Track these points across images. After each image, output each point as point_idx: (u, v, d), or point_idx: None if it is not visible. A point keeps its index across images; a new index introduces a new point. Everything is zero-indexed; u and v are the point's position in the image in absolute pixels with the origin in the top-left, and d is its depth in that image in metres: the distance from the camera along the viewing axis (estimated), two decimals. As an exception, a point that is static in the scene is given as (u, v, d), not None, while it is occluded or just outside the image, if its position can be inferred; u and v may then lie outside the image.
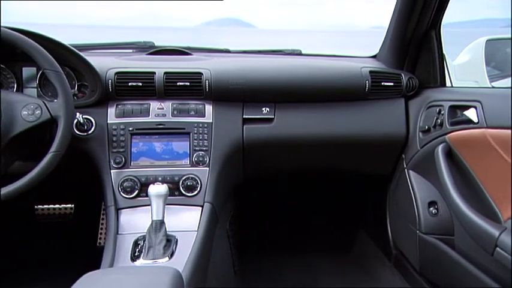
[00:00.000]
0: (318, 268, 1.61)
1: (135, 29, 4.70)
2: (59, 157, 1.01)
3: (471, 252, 1.07)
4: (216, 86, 1.24)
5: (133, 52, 1.48)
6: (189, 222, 1.13)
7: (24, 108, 1.01)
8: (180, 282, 0.77)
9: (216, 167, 1.21)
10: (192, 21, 17.41)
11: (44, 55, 1.02)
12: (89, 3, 9.94)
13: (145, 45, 1.49)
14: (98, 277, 0.74)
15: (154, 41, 1.53)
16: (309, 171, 1.46)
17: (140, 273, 0.77)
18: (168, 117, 1.22)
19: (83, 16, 14.39)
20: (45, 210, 1.69)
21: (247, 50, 1.58)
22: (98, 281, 0.72)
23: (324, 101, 1.32)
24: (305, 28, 13.33)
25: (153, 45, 1.50)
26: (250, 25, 17.56)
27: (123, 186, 1.15)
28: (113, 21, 24.53)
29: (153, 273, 0.75)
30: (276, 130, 1.28)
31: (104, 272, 0.83)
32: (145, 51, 1.46)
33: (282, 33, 10.80)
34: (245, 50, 1.58)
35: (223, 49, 1.54)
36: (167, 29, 9.29)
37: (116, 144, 1.19)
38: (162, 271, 0.76)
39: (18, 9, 1.63)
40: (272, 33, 10.71)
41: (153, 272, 0.77)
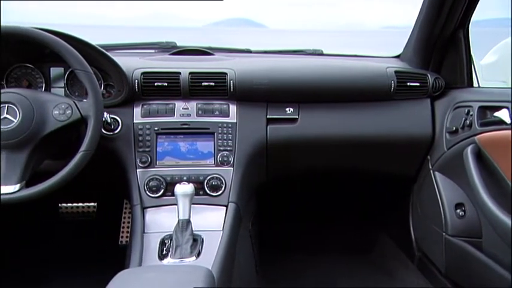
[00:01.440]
0: (339, 269, 1.60)
1: (144, 29, 4.72)
2: (89, 156, 1.02)
3: (500, 255, 1.05)
4: (241, 86, 1.24)
5: (156, 52, 1.50)
6: (214, 221, 1.13)
7: (56, 108, 1.03)
8: (212, 281, 0.77)
9: (240, 167, 1.21)
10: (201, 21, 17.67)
11: (75, 55, 1.03)
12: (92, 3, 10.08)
13: (168, 45, 1.50)
14: (134, 275, 0.74)
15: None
16: (331, 171, 1.45)
17: (175, 272, 0.77)
18: (193, 117, 1.23)
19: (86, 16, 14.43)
20: (68, 209, 1.71)
21: (268, 50, 1.58)
22: (134, 279, 0.73)
23: (348, 101, 1.31)
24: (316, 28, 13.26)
25: (175, 45, 1.51)
26: (261, 25, 17.69)
27: (149, 186, 1.16)
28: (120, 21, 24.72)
29: (187, 272, 0.75)
30: (300, 130, 1.28)
31: (138, 270, 0.84)
32: (168, 51, 1.47)
33: (294, 33, 10.74)
34: (266, 50, 1.58)
35: (245, 49, 1.55)
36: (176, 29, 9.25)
37: (141, 143, 1.20)
38: (195, 270, 0.77)
39: (18, 9, 1.64)
40: (283, 33, 10.64)
41: (187, 271, 0.77)
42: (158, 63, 1.30)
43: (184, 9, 5.82)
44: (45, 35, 1.02)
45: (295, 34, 10.47)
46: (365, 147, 1.33)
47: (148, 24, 6.60)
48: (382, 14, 8.80)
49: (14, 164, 0.99)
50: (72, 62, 1.03)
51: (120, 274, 0.76)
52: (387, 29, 11.76)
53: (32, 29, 1.02)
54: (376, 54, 1.53)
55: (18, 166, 0.99)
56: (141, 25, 5.86)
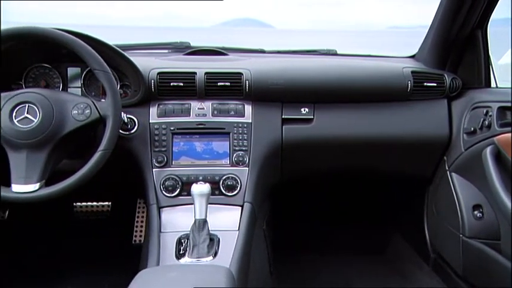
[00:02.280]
0: (352, 269, 1.59)
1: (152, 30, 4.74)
2: (108, 155, 1.03)
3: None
4: (256, 86, 1.24)
5: (169, 52, 1.50)
6: (230, 221, 1.14)
7: (75, 108, 1.04)
8: (233, 281, 0.77)
9: (255, 167, 1.21)
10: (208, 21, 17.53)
11: (94, 56, 1.04)
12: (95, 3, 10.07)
13: (182, 46, 1.51)
14: (156, 274, 0.75)
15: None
16: (346, 172, 1.44)
17: (197, 272, 0.77)
18: (209, 117, 1.23)
19: (96, 17, 14.37)
20: (83, 208, 1.73)
21: (281, 50, 1.58)
22: (157, 278, 0.73)
23: (363, 102, 1.31)
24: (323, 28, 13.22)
25: (189, 46, 1.51)
26: (267, 25, 17.55)
27: (165, 185, 1.17)
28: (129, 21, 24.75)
29: (209, 272, 0.76)
30: (315, 130, 1.28)
31: (160, 269, 0.84)
32: (182, 51, 1.47)
33: (301, 33, 10.73)
34: (279, 50, 1.58)
35: (258, 49, 1.55)
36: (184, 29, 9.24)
37: (157, 143, 1.20)
38: (217, 270, 0.77)
39: (18, 9, 1.65)
40: (290, 33, 10.65)
41: (208, 271, 0.77)
42: (174, 63, 1.30)
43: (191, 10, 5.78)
44: (64, 36, 1.03)
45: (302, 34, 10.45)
46: (380, 148, 1.33)
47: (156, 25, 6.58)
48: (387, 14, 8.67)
49: (34, 163, 1.00)
50: (91, 62, 1.04)
51: (142, 273, 0.76)
52: (393, 29, 11.69)
53: (51, 29, 1.03)
54: (390, 54, 1.52)
55: (38, 165, 1.00)
56: (149, 25, 5.84)
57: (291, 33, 11.03)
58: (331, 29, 10.49)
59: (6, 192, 0.98)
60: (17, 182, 0.99)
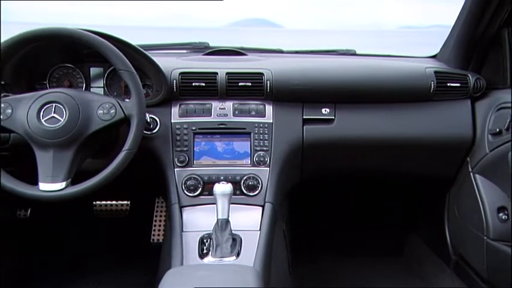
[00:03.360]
0: (370, 270, 1.58)
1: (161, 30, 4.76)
2: (132, 155, 1.04)
3: None
4: (277, 87, 1.24)
5: (188, 53, 1.51)
6: (251, 221, 1.14)
7: (100, 107, 1.04)
8: (261, 281, 0.77)
9: (276, 167, 1.21)
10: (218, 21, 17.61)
11: (119, 56, 1.05)
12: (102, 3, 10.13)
13: (200, 46, 1.51)
14: (186, 273, 0.75)
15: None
16: (366, 172, 1.43)
17: (225, 271, 0.78)
18: (230, 117, 1.24)
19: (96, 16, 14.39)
20: (102, 207, 1.75)
21: (299, 50, 1.57)
22: (187, 277, 0.73)
23: (385, 102, 1.29)
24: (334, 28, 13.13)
25: (208, 46, 1.52)
26: (277, 25, 17.63)
27: (187, 185, 1.17)
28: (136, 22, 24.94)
29: (237, 272, 0.76)
30: (337, 131, 1.27)
31: (189, 268, 0.85)
32: (200, 51, 1.48)
33: (311, 33, 10.67)
34: (297, 50, 1.57)
35: (277, 49, 1.55)
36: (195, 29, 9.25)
37: (179, 143, 1.21)
38: (245, 270, 0.77)
39: (19, 8, 1.66)
40: (301, 33, 10.59)
41: (237, 271, 0.78)
42: (195, 64, 1.31)
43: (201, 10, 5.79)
44: (91, 36, 1.04)
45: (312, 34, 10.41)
46: (402, 149, 1.31)
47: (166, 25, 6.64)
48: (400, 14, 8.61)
49: (61, 162, 1.01)
50: (117, 62, 1.05)
51: (171, 272, 0.77)
52: (405, 29, 11.61)
53: (78, 30, 1.04)
54: (410, 54, 1.51)
55: (65, 164, 1.02)
56: (159, 26, 5.89)
57: (301, 33, 10.98)
58: (342, 29, 10.47)
59: (33, 191, 1.00)
60: (44, 181, 1.00)
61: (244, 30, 11.40)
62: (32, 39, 1.03)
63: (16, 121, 1.02)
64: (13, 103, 1.03)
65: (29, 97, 1.04)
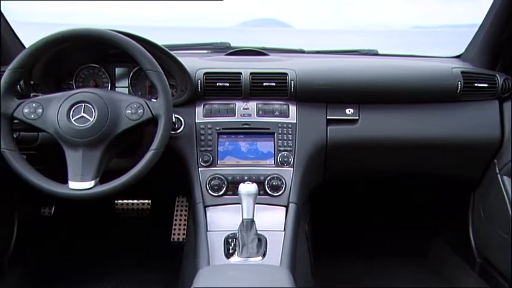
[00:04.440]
0: (392, 272, 1.57)
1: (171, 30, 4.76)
2: (159, 154, 1.05)
3: None
4: (301, 87, 1.24)
5: (209, 53, 1.51)
6: (275, 221, 1.14)
7: (128, 107, 1.05)
8: (293, 281, 0.77)
9: (300, 168, 1.20)
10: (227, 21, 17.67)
11: (147, 56, 1.06)
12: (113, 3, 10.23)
13: (222, 46, 1.52)
14: (218, 273, 0.76)
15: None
16: (390, 174, 1.42)
17: (258, 272, 0.78)
18: (253, 117, 1.24)
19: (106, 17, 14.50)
20: (124, 205, 1.76)
21: (321, 50, 1.57)
22: (221, 277, 0.74)
23: (410, 102, 1.28)
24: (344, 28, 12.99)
25: (229, 46, 1.52)
26: (287, 25, 17.68)
27: (211, 184, 1.17)
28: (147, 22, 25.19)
29: (269, 272, 0.76)
30: (361, 131, 1.26)
31: (220, 268, 0.85)
32: (222, 51, 1.48)
33: (321, 33, 10.59)
34: (319, 50, 1.57)
35: (298, 49, 1.54)
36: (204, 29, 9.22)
37: (203, 143, 1.21)
38: (276, 270, 0.77)
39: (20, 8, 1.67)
40: (310, 33, 10.53)
41: (268, 271, 0.78)
42: (218, 64, 1.31)
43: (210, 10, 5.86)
44: (119, 36, 1.05)
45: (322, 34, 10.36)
46: (427, 150, 1.30)
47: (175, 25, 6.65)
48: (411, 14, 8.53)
49: (90, 161, 1.03)
50: (145, 63, 1.06)
51: (203, 271, 0.77)
52: (417, 28, 11.49)
53: (107, 30, 1.05)
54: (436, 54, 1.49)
55: (93, 163, 1.03)
56: (169, 26, 5.87)
57: (311, 33, 10.92)
58: (352, 29, 10.37)
59: (63, 189, 1.01)
60: (73, 180, 1.02)
61: (254, 30, 11.36)
62: (62, 40, 1.04)
63: (47, 120, 1.03)
64: (44, 103, 1.05)
65: (59, 97, 1.05)
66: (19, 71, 1.03)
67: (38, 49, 1.03)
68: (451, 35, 1.44)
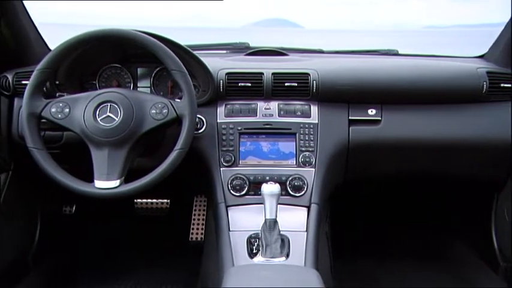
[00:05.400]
0: (411, 274, 1.55)
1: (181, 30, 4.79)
2: (184, 154, 1.05)
3: None
4: (324, 87, 1.23)
5: (228, 53, 1.52)
6: (297, 222, 1.13)
7: (153, 107, 1.06)
8: (322, 283, 0.77)
9: (321, 168, 1.20)
10: (238, 21, 17.48)
11: (172, 57, 1.06)
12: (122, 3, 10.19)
13: (241, 46, 1.52)
14: (248, 272, 0.76)
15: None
16: (411, 175, 1.40)
17: (287, 272, 0.78)
18: (275, 118, 1.23)
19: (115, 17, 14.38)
20: (143, 204, 1.78)
21: (340, 50, 1.56)
22: (251, 276, 0.74)
23: (433, 103, 1.27)
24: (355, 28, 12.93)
25: (249, 46, 1.52)
26: (297, 25, 17.40)
27: (233, 184, 1.17)
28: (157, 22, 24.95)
29: (298, 272, 0.76)
30: (384, 132, 1.25)
31: (249, 267, 0.85)
32: (241, 51, 1.48)
33: (332, 33, 10.60)
34: (338, 50, 1.56)
35: (317, 49, 1.54)
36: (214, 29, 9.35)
37: (225, 142, 1.21)
38: (306, 271, 0.77)
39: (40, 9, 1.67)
40: (321, 34, 10.56)
41: (297, 271, 0.77)
42: (239, 64, 1.31)
43: (221, 10, 5.79)
44: (144, 37, 1.06)
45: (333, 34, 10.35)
46: (451, 151, 1.28)
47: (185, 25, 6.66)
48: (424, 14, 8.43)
49: (115, 160, 1.03)
50: (169, 62, 1.06)
51: (232, 271, 0.77)
52: (430, 28, 11.36)
53: (133, 31, 1.06)
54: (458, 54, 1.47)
55: (119, 162, 1.04)
56: (178, 26, 5.88)
57: (322, 33, 10.94)
58: (363, 29, 10.27)
59: (89, 188, 1.02)
60: (99, 178, 1.03)
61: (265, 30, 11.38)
62: (90, 40, 1.05)
63: (73, 120, 1.04)
64: (70, 102, 1.06)
65: (85, 97, 1.07)
66: (47, 71, 1.05)
67: (66, 49, 1.04)
68: (463, 34, 1.41)
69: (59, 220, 1.66)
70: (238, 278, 0.73)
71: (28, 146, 1.03)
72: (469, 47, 1.60)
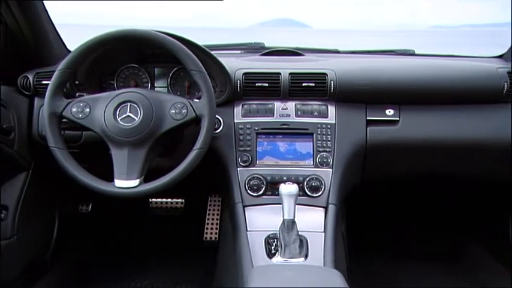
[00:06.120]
0: (425, 275, 1.54)
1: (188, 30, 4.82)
2: (203, 154, 1.05)
3: None
4: (341, 87, 1.23)
5: (243, 53, 1.52)
6: (314, 222, 1.13)
7: (172, 107, 1.06)
8: (346, 284, 0.76)
9: (339, 169, 1.19)
10: (245, 21, 17.54)
11: (191, 57, 1.06)
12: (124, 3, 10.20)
13: (256, 46, 1.52)
14: (274, 272, 0.75)
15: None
16: (429, 175, 1.39)
17: (311, 272, 0.77)
18: (292, 118, 1.23)
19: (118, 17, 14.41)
20: (158, 204, 1.79)
21: (355, 50, 1.55)
22: (277, 276, 0.74)
23: (452, 103, 1.25)
24: (362, 28, 12.87)
25: (264, 46, 1.52)
26: (305, 25, 17.40)
27: (250, 184, 1.18)
28: (157, 22, 25.39)
29: (324, 273, 0.75)
30: (402, 133, 1.24)
31: (273, 267, 0.85)
32: (256, 52, 1.48)
33: (339, 33, 10.55)
34: (353, 50, 1.55)
35: (333, 49, 1.53)
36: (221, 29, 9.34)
37: (242, 142, 1.22)
38: (329, 271, 0.77)
39: None
40: (329, 33, 10.51)
41: (320, 272, 0.77)
42: (256, 64, 1.31)
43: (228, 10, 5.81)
44: (164, 37, 1.06)
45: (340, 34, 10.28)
46: (469, 152, 1.27)
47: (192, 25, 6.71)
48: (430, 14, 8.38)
49: (135, 160, 1.04)
50: (189, 63, 1.06)
51: (256, 271, 0.77)
52: (436, 28, 11.32)
53: (151, 31, 1.06)
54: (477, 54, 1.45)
55: (138, 162, 1.04)
56: (186, 26, 5.91)
57: (329, 33, 10.87)
58: (370, 29, 10.28)
59: (110, 187, 1.03)
60: (119, 178, 1.03)
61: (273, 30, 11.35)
62: (109, 41, 1.06)
63: (94, 120, 1.05)
64: (91, 102, 1.07)
65: (105, 97, 1.07)
66: (68, 71, 1.06)
67: (88, 49, 1.05)
68: (473, 34, 1.40)
69: (75, 219, 1.67)
70: (263, 278, 0.73)
71: (49, 145, 1.04)
72: (478, 47, 1.58)
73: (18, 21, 1.14)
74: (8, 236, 1.18)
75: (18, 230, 1.20)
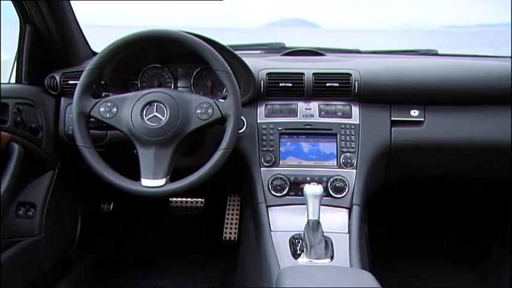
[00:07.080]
0: (448, 278, 1.51)
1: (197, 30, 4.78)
2: (228, 154, 1.06)
3: None
4: (365, 87, 1.22)
5: (263, 53, 1.52)
6: (338, 223, 1.13)
7: (198, 107, 1.07)
8: (378, 284, 0.76)
9: (363, 169, 1.19)
10: (255, 21, 17.63)
11: (217, 58, 1.07)
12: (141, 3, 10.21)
13: (277, 46, 1.52)
14: (305, 273, 0.75)
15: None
16: (454, 177, 1.37)
17: (343, 274, 0.77)
18: (316, 118, 1.23)
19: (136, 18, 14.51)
20: (178, 203, 1.80)
21: (377, 50, 1.54)
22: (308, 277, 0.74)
23: (478, 104, 1.24)
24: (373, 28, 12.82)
25: (284, 46, 1.52)
26: (315, 25, 17.30)
27: (273, 185, 1.18)
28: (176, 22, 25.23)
29: (355, 275, 0.75)
30: (427, 134, 1.23)
31: (304, 268, 0.85)
32: (277, 52, 1.48)
33: (350, 33, 10.47)
34: (375, 51, 1.54)
35: (354, 49, 1.52)
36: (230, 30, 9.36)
37: (265, 143, 1.22)
38: (360, 273, 0.76)
39: None
40: (339, 33, 10.43)
41: (354, 274, 0.77)
42: (279, 64, 1.31)
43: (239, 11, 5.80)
44: (190, 37, 1.07)
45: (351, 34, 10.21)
46: (495, 153, 1.25)
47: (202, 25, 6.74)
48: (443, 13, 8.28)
49: (161, 159, 1.05)
50: (215, 63, 1.07)
51: (285, 272, 0.77)
52: (448, 28, 11.20)
53: (178, 31, 1.07)
54: (500, 54, 1.43)
55: (164, 162, 1.05)
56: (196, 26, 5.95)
57: (340, 33, 10.79)
58: (381, 28, 10.18)
59: (137, 187, 1.04)
60: (146, 177, 1.04)
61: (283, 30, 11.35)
62: (136, 42, 1.07)
63: (121, 119, 1.06)
64: (118, 102, 1.08)
65: (132, 96, 1.08)
66: (96, 71, 1.07)
67: (115, 50, 1.06)
68: (487, 34, 1.36)
69: (97, 217, 1.69)
70: (296, 279, 0.73)
71: (78, 144, 1.05)
72: (491, 47, 1.55)
73: (47, 22, 1.16)
74: (36, 233, 1.20)
75: (46, 228, 1.22)
